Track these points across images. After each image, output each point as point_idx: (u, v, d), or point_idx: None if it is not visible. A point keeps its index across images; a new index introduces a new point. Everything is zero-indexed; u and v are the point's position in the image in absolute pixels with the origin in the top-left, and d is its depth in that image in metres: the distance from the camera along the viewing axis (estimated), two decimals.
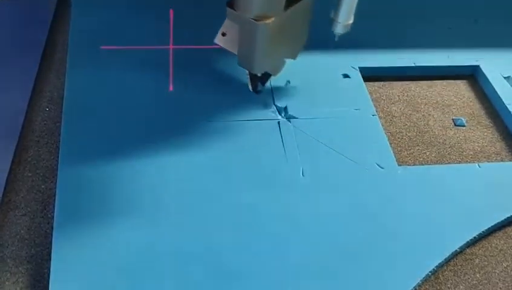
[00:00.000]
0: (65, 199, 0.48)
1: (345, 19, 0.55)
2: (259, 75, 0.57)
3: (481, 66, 0.66)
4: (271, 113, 0.58)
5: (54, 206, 0.47)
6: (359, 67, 0.64)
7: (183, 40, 0.65)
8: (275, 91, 0.60)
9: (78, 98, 0.57)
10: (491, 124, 0.61)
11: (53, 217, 0.46)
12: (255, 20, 0.50)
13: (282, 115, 0.58)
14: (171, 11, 0.70)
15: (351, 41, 0.67)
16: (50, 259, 0.44)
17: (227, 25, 0.54)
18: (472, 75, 0.67)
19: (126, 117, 0.56)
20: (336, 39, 0.58)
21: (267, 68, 0.56)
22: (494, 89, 0.64)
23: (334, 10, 0.55)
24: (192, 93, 0.59)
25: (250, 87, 0.59)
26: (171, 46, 0.65)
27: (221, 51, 0.55)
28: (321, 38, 0.67)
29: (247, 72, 0.57)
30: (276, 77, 0.60)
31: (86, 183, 0.49)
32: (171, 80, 0.60)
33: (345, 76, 0.63)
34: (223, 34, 0.54)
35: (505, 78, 0.65)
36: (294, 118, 0.58)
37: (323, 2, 0.55)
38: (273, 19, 0.50)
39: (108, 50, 0.63)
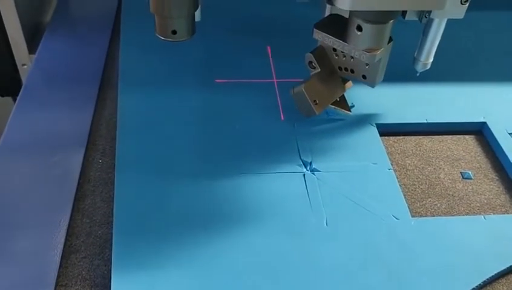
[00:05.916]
0: (121, 243, 0.55)
1: (425, 58, 0.67)
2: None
3: (488, 123, 0.73)
4: (297, 166, 0.65)
5: (110, 250, 0.54)
6: (376, 124, 0.71)
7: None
8: (300, 147, 0.67)
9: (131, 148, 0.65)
10: (497, 178, 0.68)
11: (110, 259, 0.54)
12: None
13: (308, 168, 0.65)
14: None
15: (368, 101, 0.75)
16: None
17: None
18: (479, 131, 0.74)
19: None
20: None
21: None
22: (499, 144, 0.70)
23: (417, 50, 0.68)
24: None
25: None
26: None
27: None
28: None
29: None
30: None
31: (141, 229, 0.56)
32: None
33: (363, 132, 0.70)
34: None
35: (510, 134, 0.71)
36: (318, 171, 0.65)
37: None
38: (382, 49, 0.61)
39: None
